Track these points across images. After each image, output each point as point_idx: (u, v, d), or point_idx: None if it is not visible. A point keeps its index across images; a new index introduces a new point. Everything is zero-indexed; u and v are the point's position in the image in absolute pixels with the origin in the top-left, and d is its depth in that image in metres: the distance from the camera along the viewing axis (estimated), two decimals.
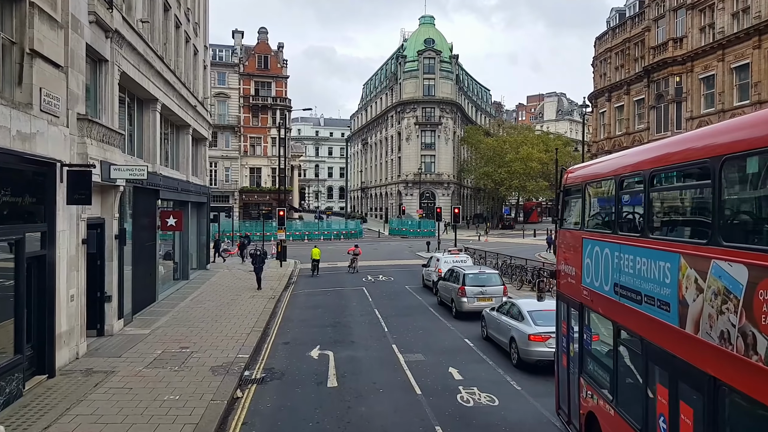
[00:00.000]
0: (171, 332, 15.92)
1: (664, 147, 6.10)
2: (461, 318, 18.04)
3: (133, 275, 17.45)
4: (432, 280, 23.85)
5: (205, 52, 30.63)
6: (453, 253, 25.06)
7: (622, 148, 36.08)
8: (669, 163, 5.72)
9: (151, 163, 19.98)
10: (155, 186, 19.91)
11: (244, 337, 15.51)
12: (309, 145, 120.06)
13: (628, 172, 6.51)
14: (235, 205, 61.20)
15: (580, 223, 8.09)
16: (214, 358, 13.23)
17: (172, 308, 19.55)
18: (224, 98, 61.79)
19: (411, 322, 17.86)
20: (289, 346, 15.03)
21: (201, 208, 30.61)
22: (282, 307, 20.80)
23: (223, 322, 17.41)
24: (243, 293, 23.13)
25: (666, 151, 5.89)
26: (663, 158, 5.79)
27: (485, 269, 19.26)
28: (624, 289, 6.20)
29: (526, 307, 13.19)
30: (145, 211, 19.42)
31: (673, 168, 5.76)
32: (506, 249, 42.53)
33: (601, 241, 6.96)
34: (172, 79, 22.11)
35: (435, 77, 74.93)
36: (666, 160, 5.74)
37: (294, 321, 18.31)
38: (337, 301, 22.23)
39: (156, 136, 20.29)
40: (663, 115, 31.97)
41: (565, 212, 9.02)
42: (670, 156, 5.73)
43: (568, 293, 8.39)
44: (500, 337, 13.80)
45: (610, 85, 37.72)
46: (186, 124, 25.57)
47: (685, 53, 30.37)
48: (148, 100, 19.89)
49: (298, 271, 32.48)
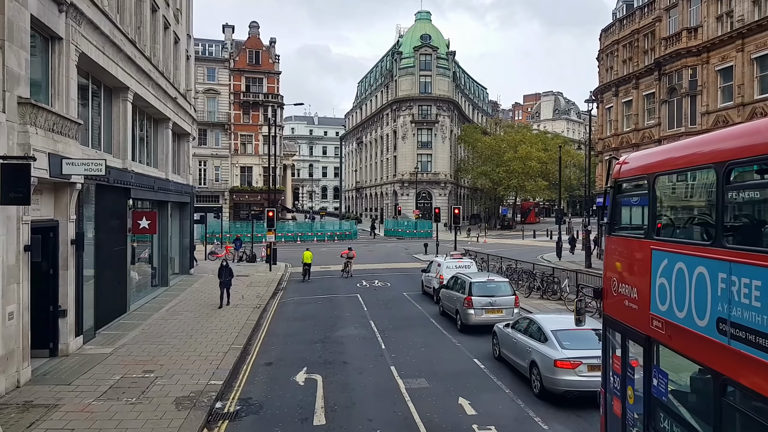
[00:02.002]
0: (137, 351, 13.88)
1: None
2: (467, 332, 16.06)
3: (96, 285, 15.41)
4: (433, 287, 21.93)
5: (188, 41, 28.57)
6: (455, 258, 23.05)
7: (630, 146, 34.26)
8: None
9: (121, 159, 17.97)
10: (126, 184, 17.87)
11: (220, 357, 13.49)
12: (303, 144, 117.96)
13: (742, 158, 4.47)
14: (225, 205, 59.04)
15: (646, 228, 6.09)
16: (182, 386, 11.21)
17: (143, 320, 17.50)
18: (214, 94, 59.65)
19: (411, 336, 15.87)
20: (272, 368, 13.01)
21: (184, 209, 28.55)
22: (267, 319, 18.77)
23: (199, 337, 15.39)
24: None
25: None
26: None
27: (494, 276, 17.30)
28: (740, 329, 4.24)
29: (548, 324, 11.23)
30: (113, 212, 17.37)
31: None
32: (507, 251, 40.68)
33: (690, 256, 4.98)
34: (147, 67, 20.05)
35: (431, 74, 72.97)
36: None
37: (279, 335, 16.29)
38: (329, 310, 20.23)
39: (127, 129, 18.22)
40: (676, 109, 30.12)
41: (616, 214, 7.05)
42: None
43: (626, 320, 6.41)
44: (517, 360, 11.83)
45: (617, 79, 35.88)
46: (165, 117, 23.50)
47: (700, 44, 28.53)
48: (118, 88, 17.83)
49: (288, 276, 30.46)
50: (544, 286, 21.79)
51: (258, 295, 23.01)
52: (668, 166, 5.86)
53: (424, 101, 72.81)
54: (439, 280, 21.18)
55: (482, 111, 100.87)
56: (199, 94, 58.68)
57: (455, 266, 21.25)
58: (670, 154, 6.02)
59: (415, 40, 73.38)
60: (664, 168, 5.91)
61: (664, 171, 5.89)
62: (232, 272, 20.50)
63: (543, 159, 70.27)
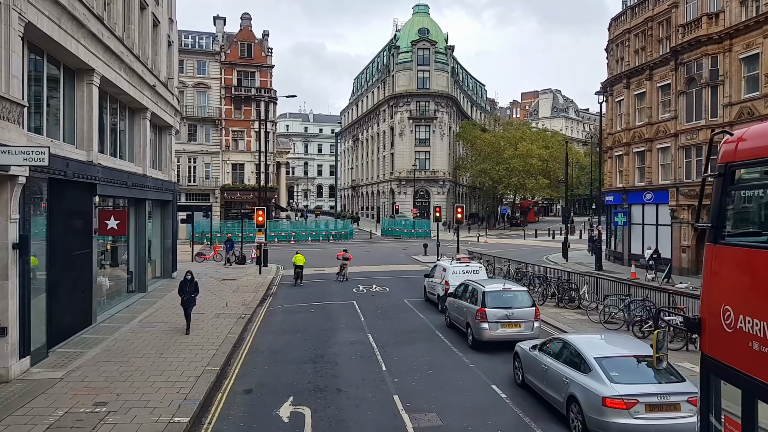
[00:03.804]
0: (93, 375, 11.74)
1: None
2: (480, 349, 13.98)
3: (51, 295, 13.27)
4: (437, 294, 19.79)
5: (170, 26, 26.38)
6: (463, 262, 20.76)
7: (643, 141, 32.28)
8: None
9: (85, 150, 15.83)
10: (90, 179, 15.73)
11: (191, 382, 11.37)
12: (298, 142, 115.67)
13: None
14: (216, 203, 56.76)
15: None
16: (137, 425, 9.10)
17: (110, 334, 15.36)
18: (204, 89, 57.36)
19: (416, 354, 13.76)
20: (252, 398, 10.89)
21: (166, 207, 26.40)
22: (252, 331, 16.63)
23: (171, 356, 13.26)
24: (207, 311, 18.96)
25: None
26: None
27: (510, 285, 15.17)
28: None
29: (589, 349, 9.14)
30: (75, 211, 15.22)
31: None
32: (510, 251, 38.74)
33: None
34: (119, 49, 17.87)
35: (430, 69, 70.89)
36: None
37: (264, 353, 14.15)
38: (322, 321, 18.10)
39: (93, 116, 16.05)
40: (695, 101, 28.09)
41: (726, 213, 4.96)
42: None
43: (754, 371, 4.33)
44: (550, 392, 9.74)
45: (629, 71, 33.83)
46: (142, 106, 21.34)
47: (722, 30, 26.51)
48: (82, 70, 15.67)
49: (279, 279, 28.34)
50: (561, 293, 19.72)
51: (244, 302, 20.89)
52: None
53: (421, 97, 70.73)
54: (444, 286, 19.14)
55: (481, 108, 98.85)
56: (189, 88, 56.54)
57: (463, 271, 19.27)
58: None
59: (413, 34, 71.26)
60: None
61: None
62: (198, 287, 16.49)
63: (544, 156, 68.37)
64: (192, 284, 16.02)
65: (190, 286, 15.93)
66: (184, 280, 16.07)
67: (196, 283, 16.25)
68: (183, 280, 16.13)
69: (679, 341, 13.81)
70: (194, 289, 16.13)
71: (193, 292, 16.08)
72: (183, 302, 15.88)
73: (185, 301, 15.82)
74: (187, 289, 15.86)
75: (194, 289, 16.13)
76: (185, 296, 15.80)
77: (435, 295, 20.24)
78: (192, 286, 16.00)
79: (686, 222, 28.53)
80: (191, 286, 15.98)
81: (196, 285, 16.25)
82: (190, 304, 15.93)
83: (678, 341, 13.83)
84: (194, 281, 16.18)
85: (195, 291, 16.17)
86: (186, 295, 15.80)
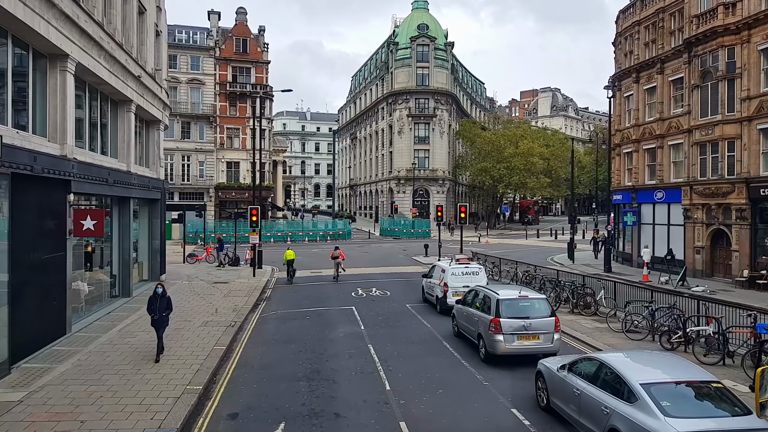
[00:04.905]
0: (58, 396, 10.33)
1: None
2: (494, 363, 12.60)
3: (13, 304, 11.87)
4: (436, 296, 19.18)
5: (158, 14, 24.93)
6: (462, 263, 19.90)
7: (653, 137, 30.96)
8: None
9: (58, 144, 14.44)
10: (64, 175, 14.32)
11: (169, 404, 9.98)
12: (295, 141, 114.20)
13: None
14: (211, 202, 55.30)
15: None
16: None
17: (85, 346, 13.96)
18: (198, 85, 55.86)
19: (422, 370, 12.37)
20: (238, 424, 9.51)
21: (154, 206, 24.98)
22: (242, 342, 15.23)
23: (149, 372, 11.87)
24: (195, 318, 17.60)
25: None
26: None
27: (527, 291, 13.76)
28: None
29: (632, 373, 7.75)
30: (44, 210, 13.79)
31: None
32: (513, 252, 37.46)
33: None
34: (98, 34, 16.46)
35: (429, 66, 69.48)
36: None
37: (254, 368, 12.75)
38: (319, 329, 16.70)
39: (67, 107, 14.64)
40: (710, 95, 26.76)
41: None
42: None
43: None
44: (584, 422, 8.33)
45: (639, 64, 32.48)
46: (126, 98, 19.92)
47: (739, 20, 25.19)
48: (55, 55, 14.27)
49: (274, 282, 26.95)
50: (575, 298, 18.35)
51: (235, 307, 19.49)
52: None
53: (421, 94, 69.35)
54: (442, 288, 18.61)
55: (480, 106, 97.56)
56: (182, 84, 55.12)
57: (462, 272, 18.76)
58: None
59: (412, 30, 69.87)
60: None
61: None
62: (171, 303, 13.32)
63: (545, 155, 67.10)
64: (164, 300, 13.00)
65: (161, 302, 12.91)
66: (153, 295, 13.03)
67: (168, 298, 13.21)
68: (152, 294, 13.06)
69: (713, 355, 12.46)
70: (166, 306, 13.07)
71: (165, 309, 13.03)
72: (153, 322, 12.96)
73: (156, 321, 12.87)
74: (157, 305, 12.86)
75: (166, 306, 13.07)
76: (155, 315, 12.82)
77: (433, 296, 19.64)
78: (164, 302, 12.99)
79: (700, 222, 27.22)
80: (162, 302, 12.96)
81: (168, 301, 13.15)
82: (162, 324, 12.97)
83: (712, 355, 12.48)
84: (166, 296, 13.17)
85: (167, 308, 13.12)
86: (156, 313, 12.82)
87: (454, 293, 17.84)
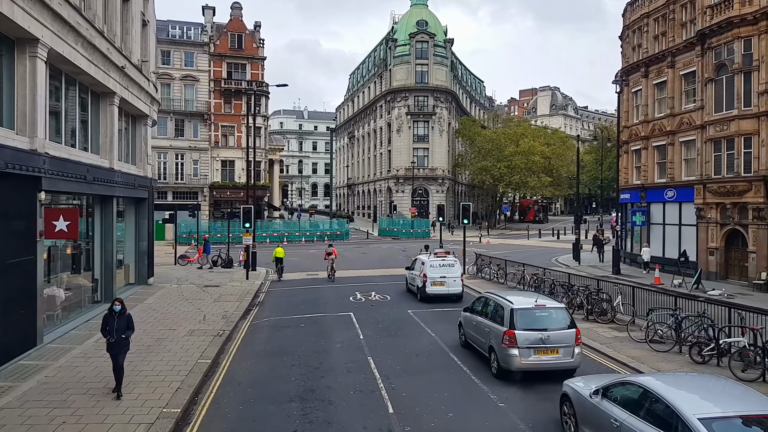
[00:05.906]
0: (13, 424, 9.02)
1: None
2: (508, 380, 11.32)
3: None
4: (417, 286, 21.50)
5: (145, 4, 23.59)
6: (439, 256, 21.50)
7: (664, 134, 29.74)
8: None
9: (28, 137, 13.12)
10: (33, 171, 13.03)
11: None
12: (292, 139, 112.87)
13: None
14: (205, 202, 53.94)
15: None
16: None
17: (56, 359, 12.66)
18: (192, 81, 54.47)
19: (429, 388, 11.06)
20: None
21: (141, 206, 23.69)
22: (230, 353, 13.94)
23: (123, 391, 10.53)
24: (181, 325, 16.31)
25: None
26: None
27: (544, 300, 12.41)
28: None
29: (686, 404, 6.45)
30: (11, 210, 12.49)
31: None
32: (515, 253, 36.25)
33: None
34: (75, 19, 15.13)
35: (428, 63, 68.20)
36: None
37: (241, 385, 11.45)
38: (314, 339, 15.41)
39: (37, 96, 13.32)
40: (725, 89, 25.54)
41: None
42: None
43: None
44: None
45: (648, 58, 31.24)
46: (108, 90, 18.60)
47: (757, 10, 24.00)
48: (23, 39, 12.96)
49: (268, 285, 25.64)
50: (590, 304, 17.07)
51: (225, 314, 18.20)
52: None
53: (420, 92, 68.08)
54: (422, 278, 20.81)
55: (480, 105, 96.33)
56: (176, 81, 53.80)
57: (439, 264, 20.87)
58: None
59: (411, 27, 68.59)
60: None
61: None
62: (132, 322, 10.63)
63: (546, 154, 65.91)
64: (122, 319, 10.37)
65: (119, 322, 10.29)
66: (109, 313, 10.43)
67: (128, 316, 10.55)
68: (107, 312, 10.50)
69: (754, 370, 11.21)
70: (126, 326, 10.42)
71: (125, 330, 10.38)
72: (109, 347, 10.32)
73: (112, 345, 10.25)
74: (114, 326, 10.23)
75: (126, 326, 10.42)
76: (111, 338, 10.19)
77: (414, 286, 21.95)
78: (123, 321, 10.36)
79: (714, 222, 26.01)
80: (121, 321, 10.34)
81: (128, 319, 10.51)
82: (122, 349, 10.36)
83: (752, 371, 11.22)
84: (126, 314, 10.51)
85: (128, 328, 10.47)
86: (113, 335, 10.19)
87: (432, 283, 20.44)
